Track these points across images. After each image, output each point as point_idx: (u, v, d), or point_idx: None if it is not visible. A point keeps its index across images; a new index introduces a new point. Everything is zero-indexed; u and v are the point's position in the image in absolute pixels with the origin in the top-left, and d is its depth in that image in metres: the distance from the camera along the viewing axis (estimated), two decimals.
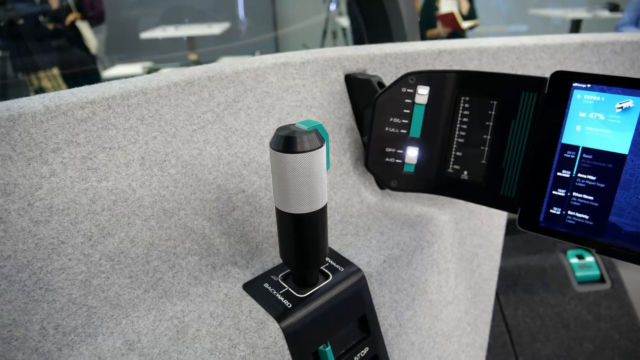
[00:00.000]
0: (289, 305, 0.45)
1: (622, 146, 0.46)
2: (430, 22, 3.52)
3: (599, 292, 0.89)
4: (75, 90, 0.46)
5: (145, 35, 4.41)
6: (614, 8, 4.55)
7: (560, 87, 0.49)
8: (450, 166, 0.56)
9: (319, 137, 0.41)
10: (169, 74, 0.51)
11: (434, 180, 0.57)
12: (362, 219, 0.59)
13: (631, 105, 0.46)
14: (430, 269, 0.58)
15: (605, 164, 0.47)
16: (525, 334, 0.84)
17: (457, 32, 3.45)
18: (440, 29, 3.44)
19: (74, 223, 0.42)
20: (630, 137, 0.46)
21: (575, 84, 0.48)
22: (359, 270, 0.50)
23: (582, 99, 0.48)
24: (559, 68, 0.71)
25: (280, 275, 0.48)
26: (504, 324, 0.85)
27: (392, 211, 0.61)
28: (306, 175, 0.40)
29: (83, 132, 0.44)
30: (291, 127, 0.41)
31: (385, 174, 0.58)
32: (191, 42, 4.14)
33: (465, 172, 0.56)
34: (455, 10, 3.40)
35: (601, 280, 0.92)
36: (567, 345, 0.84)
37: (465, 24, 3.40)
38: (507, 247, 0.94)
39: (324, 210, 0.43)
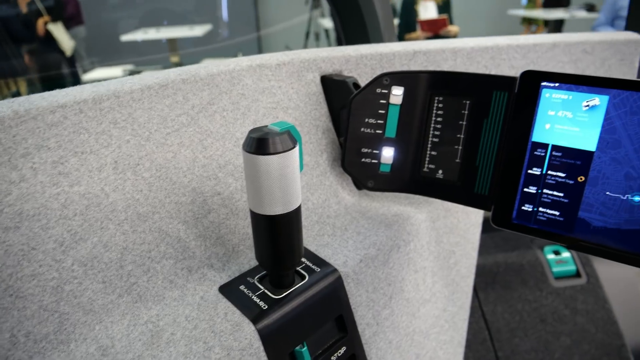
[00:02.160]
0: (264, 306, 0.45)
1: (589, 143, 0.47)
2: (409, 27, 3.54)
3: (575, 287, 0.91)
4: (46, 94, 0.46)
5: (126, 37, 4.37)
6: (590, 8, 4.65)
7: (529, 86, 0.50)
8: (426, 165, 0.57)
9: (291, 138, 0.41)
10: (143, 77, 0.51)
11: (410, 179, 0.58)
12: (339, 219, 0.59)
13: (597, 103, 0.47)
14: (407, 267, 0.59)
15: (573, 161, 0.48)
16: (504, 330, 0.85)
17: (438, 37, 3.47)
18: (419, 33, 3.45)
19: (45, 229, 0.41)
20: (597, 135, 0.47)
21: (544, 83, 0.49)
22: (335, 270, 0.50)
23: (550, 97, 0.49)
24: (531, 67, 0.72)
25: (256, 277, 0.48)
26: (483, 321, 0.86)
27: (369, 211, 0.61)
28: (279, 177, 0.40)
29: (54, 136, 0.43)
30: (264, 129, 0.41)
31: (362, 174, 0.59)
32: (172, 45, 4.10)
33: (440, 171, 0.57)
34: (438, 15, 3.43)
35: (577, 275, 0.94)
36: (544, 339, 0.85)
37: (451, 29, 3.41)
38: (485, 245, 0.95)
39: (298, 211, 0.43)
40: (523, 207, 0.52)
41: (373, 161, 0.58)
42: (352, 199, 0.63)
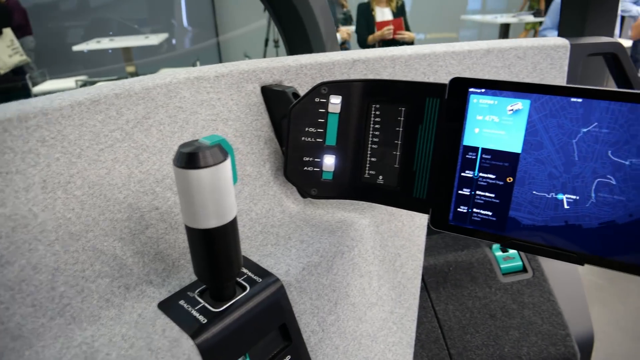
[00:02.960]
0: (204, 320, 0.44)
1: (515, 145, 0.50)
2: (370, 31, 3.60)
3: (521, 282, 0.95)
4: None
5: (78, 47, 4.24)
6: (537, 13, 4.86)
7: (458, 92, 0.52)
8: (366, 172, 0.58)
9: (222, 151, 0.41)
10: (73, 93, 0.50)
11: (352, 186, 0.59)
12: (283, 228, 0.60)
13: (520, 107, 0.49)
14: (352, 272, 0.59)
15: (502, 162, 0.51)
16: (456, 328, 0.88)
17: (394, 42, 3.54)
18: (377, 33, 3.51)
19: None
20: (522, 137, 0.50)
21: (471, 89, 0.51)
22: (277, 280, 0.50)
23: (478, 102, 0.51)
24: (467, 73, 0.75)
25: (197, 291, 0.48)
26: (436, 320, 0.88)
27: (313, 219, 0.62)
28: (212, 190, 0.40)
29: None
30: (194, 143, 0.41)
31: (305, 183, 0.59)
32: (127, 54, 4.01)
33: (381, 177, 0.58)
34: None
35: (524, 270, 0.97)
36: (494, 334, 0.88)
37: (406, 34, 3.50)
38: (436, 245, 0.97)
39: (233, 223, 0.43)
40: (459, 209, 0.53)
41: (315, 169, 0.59)
42: (297, 208, 0.64)
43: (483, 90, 0.51)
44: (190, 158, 0.39)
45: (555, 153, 0.48)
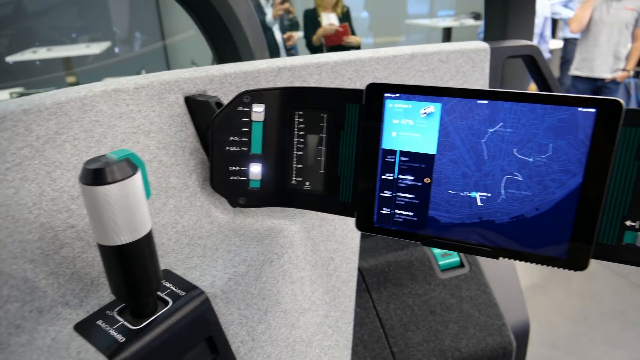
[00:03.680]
0: (122, 339, 0.43)
1: (430, 147, 0.52)
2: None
3: (459, 277, 0.98)
4: None
5: (13, 58, 4.02)
6: (477, 17, 5.07)
7: (374, 97, 0.53)
8: (293, 178, 0.59)
9: (131, 165, 0.40)
10: None
11: (280, 193, 0.59)
12: (211, 239, 0.59)
13: (432, 110, 0.51)
14: (282, 279, 0.60)
15: (419, 164, 0.52)
16: (398, 326, 0.90)
17: (341, 47, 3.59)
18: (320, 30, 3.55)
19: None
20: (435, 139, 0.52)
21: (386, 94, 0.53)
22: (201, 292, 0.50)
23: (393, 107, 0.53)
24: (393, 78, 0.77)
25: (116, 310, 0.47)
26: (378, 320, 0.90)
27: (242, 228, 0.62)
28: (121, 205, 0.40)
29: None
30: (101, 159, 0.41)
31: (232, 192, 0.59)
32: (67, 64, 3.85)
33: (307, 183, 0.59)
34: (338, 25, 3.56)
35: (461, 265, 1.01)
36: (435, 329, 0.91)
37: (352, 39, 3.57)
38: (377, 246, 0.99)
39: (148, 237, 0.43)
40: (382, 211, 0.55)
41: (242, 178, 0.59)
42: (226, 218, 0.63)
43: (397, 95, 0.53)
44: (96, 174, 0.39)
45: (467, 153, 0.51)
